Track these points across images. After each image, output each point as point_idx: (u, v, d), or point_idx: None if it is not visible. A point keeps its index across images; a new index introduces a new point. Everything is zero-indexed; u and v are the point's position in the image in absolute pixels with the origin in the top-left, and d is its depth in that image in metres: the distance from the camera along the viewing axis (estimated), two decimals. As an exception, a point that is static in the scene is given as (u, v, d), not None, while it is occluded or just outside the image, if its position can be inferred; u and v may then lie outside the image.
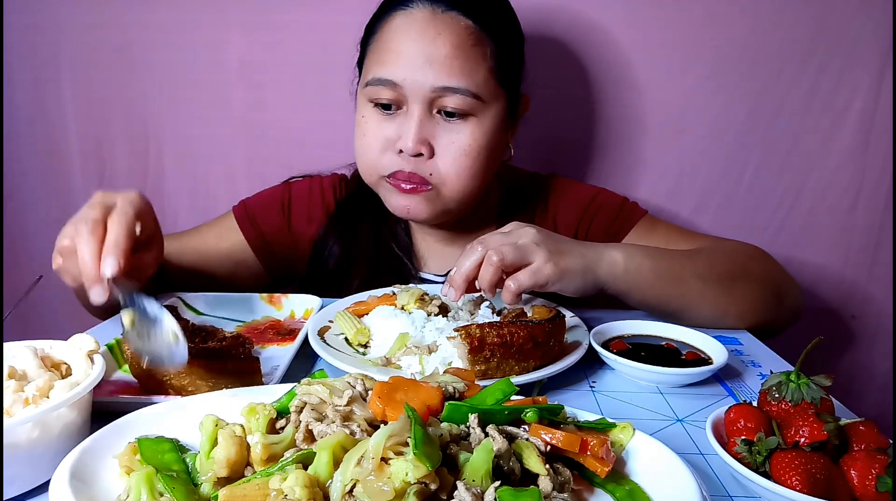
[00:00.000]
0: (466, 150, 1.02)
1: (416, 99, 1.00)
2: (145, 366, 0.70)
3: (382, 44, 1.02)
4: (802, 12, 1.33)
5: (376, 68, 1.02)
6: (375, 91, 1.02)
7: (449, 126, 1.02)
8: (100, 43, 1.43)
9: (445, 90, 0.99)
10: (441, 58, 0.98)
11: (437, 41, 0.98)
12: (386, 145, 1.04)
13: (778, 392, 0.62)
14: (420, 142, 1.01)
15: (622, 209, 1.20)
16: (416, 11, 1.01)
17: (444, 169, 1.03)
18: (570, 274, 0.86)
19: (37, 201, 1.56)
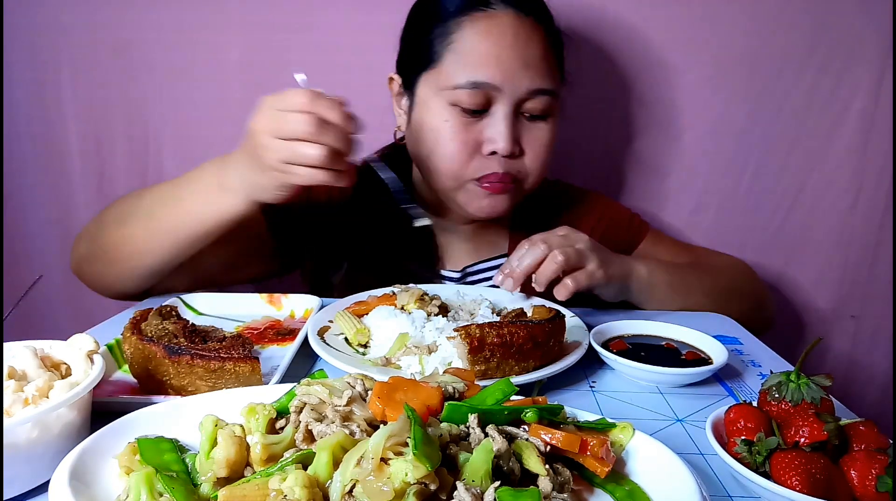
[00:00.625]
0: (547, 146, 1.07)
1: (509, 101, 1.01)
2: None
3: (471, 45, 1.01)
4: (802, 13, 1.33)
5: (469, 71, 1.00)
6: (465, 94, 1.01)
7: (532, 125, 1.06)
8: (100, 43, 1.43)
9: (537, 93, 1.02)
10: (537, 60, 1.02)
11: (530, 44, 1.01)
12: (475, 149, 1.04)
13: (778, 392, 0.62)
14: (514, 142, 1.03)
15: (631, 223, 1.29)
16: (501, 15, 1.01)
17: (529, 166, 1.07)
18: (613, 281, 1.00)
19: (37, 201, 1.55)
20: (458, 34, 1.02)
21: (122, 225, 0.98)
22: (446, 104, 1.03)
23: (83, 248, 1.05)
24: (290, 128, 0.79)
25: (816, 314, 1.50)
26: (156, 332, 0.76)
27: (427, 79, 1.06)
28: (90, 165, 1.52)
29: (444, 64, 1.03)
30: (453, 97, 1.02)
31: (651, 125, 1.43)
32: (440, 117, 1.04)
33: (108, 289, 1.07)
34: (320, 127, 0.78)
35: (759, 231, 1.47)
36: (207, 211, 0.92)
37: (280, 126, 0.79)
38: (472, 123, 1.03)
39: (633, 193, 1.49)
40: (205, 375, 0.71)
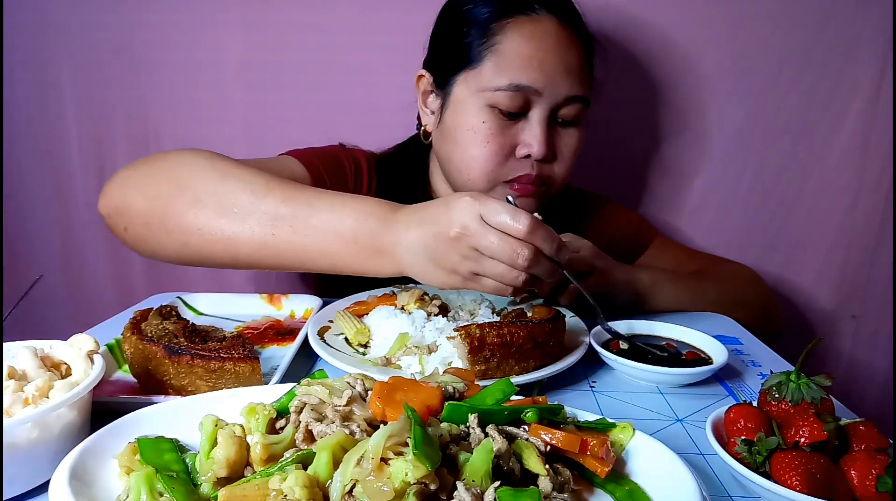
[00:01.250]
0: (575, 152, 1.08)
1: (547, 105, 1.02)
2: None
3: (514, 48, 1.01)
4: (802, 13, 1.33)
5: (512, 73, 1.00)
6: (505, 97, 1.00)
7: (564, 131, 1.07)
8: (100, 43, 1.43)
9: (573, 99, 1.03)
10: (576, 67, 1.03)
11: (571, 51, 1.02)
12: (510, 151, 1.04)
13: (778, 392, 0.62)
14: (549, 147, 1.04)
15: (639, 229, 1.30)
16: (545, 20, 1.02)
17: (558, 171, 1.08)
18: (616, 289, 1.01)
19: (37, 201, 1.55)
20: (502, 36, 1.01)
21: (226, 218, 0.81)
22: (484, 105, 1.02)
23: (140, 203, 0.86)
24: (498, 250, 0.72)
25: (816, 314, 1.50)
26: (156, 332, 0.77)
27: (465, 79, 1.04)
28: (90, 165, 1.52)
29: (484, 66, 1.02)
30: (492, 99, 1.01)
31: (650, 126, 1.43)
32: (478, 118, 1.03)
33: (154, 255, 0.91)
34: (534, 260, 0.72)
35: (760, 231, 1.47)
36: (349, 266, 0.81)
37: (488, 244, 0.72)
38: (508, 125, 1.03)
39: (633, 193, 1.49)
40: (205, 375, 0.71)
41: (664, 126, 1.43)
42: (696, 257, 1.31)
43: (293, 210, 0.79)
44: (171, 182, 0.85)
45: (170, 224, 0.84)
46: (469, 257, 0.74)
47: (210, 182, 0.83)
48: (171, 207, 0.83)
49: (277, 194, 0.81)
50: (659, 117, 1.42)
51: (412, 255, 0.77)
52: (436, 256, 0.75)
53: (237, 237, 0.81)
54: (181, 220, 0.83)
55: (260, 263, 0.83)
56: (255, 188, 0.81)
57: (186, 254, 0.86)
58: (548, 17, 1.02)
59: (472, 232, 0.72)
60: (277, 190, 0.81)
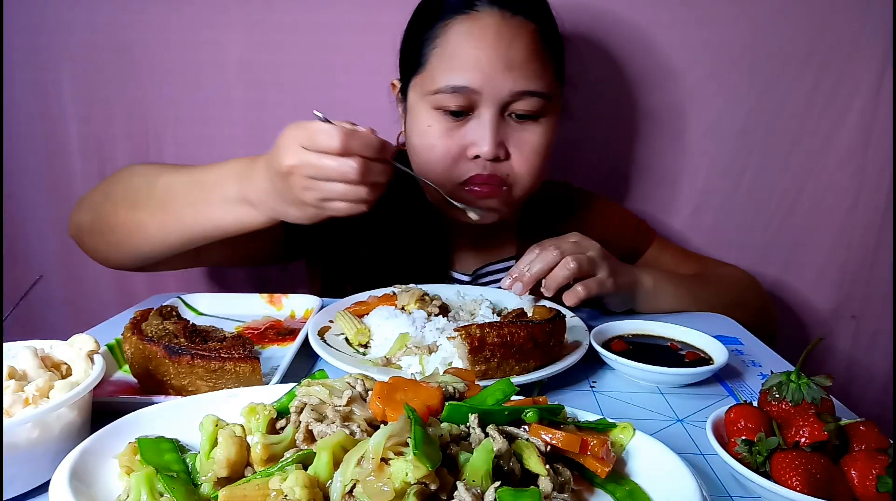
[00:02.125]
0: (537, 149, 1.04)
1: (492, 104, 1.00)
2: None
3: (451, 49, 1.00)
4: (803, 13, 1.33)
5: (449, 75, 0.99)
6: (447, 99, 1.00)
7: (521, 127, 1.04)
8: (100, 43, 1.43)
9: (522, 94, 1.00)
10: (520, 62, 0.99)
11: (513, 45, 0.99)
12: (459, 152, 1.03)
13: (778, 392, 0.62)
14: (497, 145, 1.02)
15: (638, 231, 1.29)
16: (485, 16, 1.00)
17: (518, 169, 1.05)
18: (621, 290, 1.00)
19: (37, 201, 1.55)
20: (443, 38, 1.01)
21: (133, 209, 0.96)
22: (430, 109, 1.03)
23: (86, 218, 1.03)
24: (328, 172, 0.76)
25: (816, 314, 1.50)
26: (156, 332, 0.76)
27: (415, 84, 1.06)
28: (90, 165, 1.52)
29: (429, 68, 1.02)
30: (436, 101, 1.01)
31: (651, 126, 1.43)
32: (425, 122, 1.04)
33: (108, 262, 1.07)
34: (362, 169, 0.76)
35: (760, 231, 1.47)
36: (226, 220, 0.90)
37: (317, 170, 0.77)
38: (456, 126, 1.02)
39: (633, 193, 1.49)
40: (205, 375, 0.71)
41: (665, 127, 1.43)
42: (695, 260, 1.31)
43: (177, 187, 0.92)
44: (101, 193, 1.02)
45: (103, 227, 1.00)
46: (308, 187, 0.78)
47: (123, 184, 1.00)
48: (100, 212, 1.00)
49: (166, 177, 0.94)
50: (659, 118, 1.42)
51: (271, 199, 0.84)
52: (284, 194, 0.81)
53: (146, 223, 0.95)
54: (108, 221, 0.99)
55: (169, 241, 0.95)
56: (151, 178, 0.96)
57: (123, 251, 1.00)
58: (489, 12, 1.00)
59: (300, 163, 0.77)
60: (167, 174, 0.95)
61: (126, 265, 1.06)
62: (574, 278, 0.93)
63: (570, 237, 0.98)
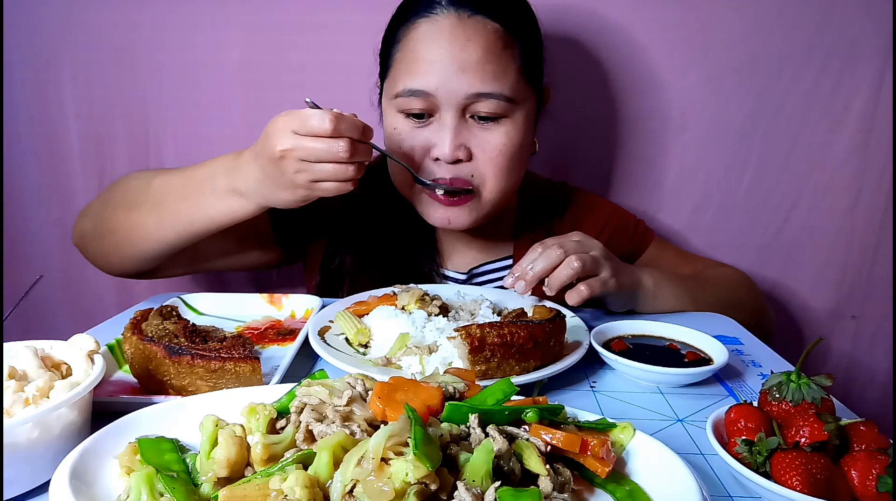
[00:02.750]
0: (502, 150, 1.03)
1: (450, 106, 1.00)
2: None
3: (410, 53, 1.01)
4: (803, 13, 1.33)
5: (406, 79, 1.00)
6: (406, 102, 1.01)
7: (483, 128, 1.03)
8: (100, 43, 1.43)
9: (479, 96, 0.99)
10: (473, 64, 0.98)
11: (467, 47, 0.98)
12: (422, 154, 1.04)
13: (778, 392, 0.62)
14: (456, 148, 1.01)
15: (637, 230, 1.29)
16: (442, 18, 1.00)
17: (483, 171, 1.05)
18: (623, 290, 1.00)
19: (37, 201, 1.56)
20: (404, 41, 1.02)
21: (131, 210, 1.01)
22: (395, 112, 1.04)
23: (88, 225, 1.08)
24: (319, 153, 0.82)
25: (817, 314, 1.50)
26: (156, 332, 0.77)
27: (385, 86, 1.08)
28: (90, 165, 1.52)
29: (393, 71, 1.04)
30: (399, 105, 1.02)
31: (651, 125, 1.43)
32: (392, 125, 1.05)
33: (110, 267, 1.10)
34: (351, 149, 0.82)
35: (760, 231, 1.47)
36: (218, 211, 0.95)
37: (309, 152, 0.82)
38: (419, 129, 1.03)
39: (633, 193, 1.49)
40: (205, 375, 0.71)
41: (664, 127, 1.43)
42: (692, 260, 1.31)
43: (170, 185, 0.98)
44: (101, 200, 1.07)
45: (104, 231, 1.04)
46: (300, 169, 0.84)
47: (122, 189, 1.04)
48: (101, 217, 1.05)
49: (161, 178, 1.00)
50: (659, 118, 1.42)
51: (261, 186, 0.89)
52: (276, 180, 0.86)
53: (143, 221, 0.99)
54: (108, 224, 1.03)
55: (166, 238, 0.99)
56: (147, 180, 1.01)
57: (124, 253, 1.03)
58: (445, 15, 1.00)
59: (291, 146, 0.83)
60: (162, 175, 1.01)
61: (127, 270, 1.08)
62: (577, 278, 0.93)
63: (573, 236, 0.98)
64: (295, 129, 0.83)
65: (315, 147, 0.82)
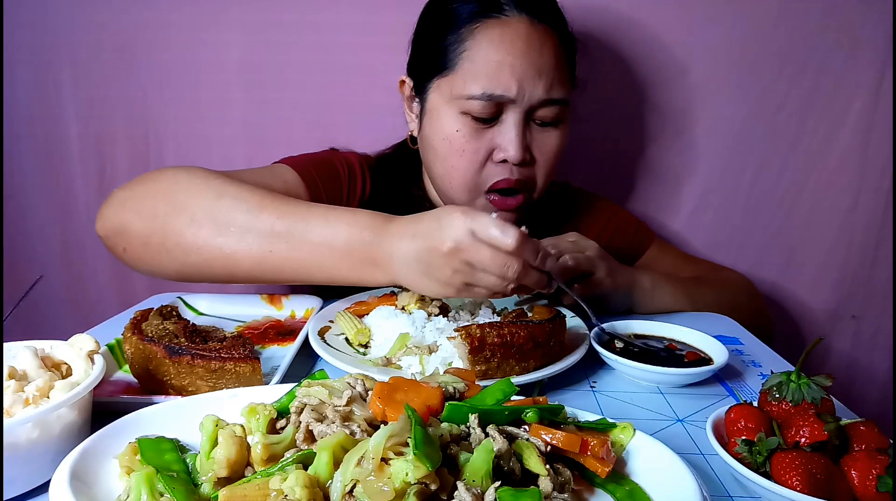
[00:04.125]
0: (557, 153, 1.06)
1: (520, 109, 1.00)
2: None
3: (484, 55, 0.99)
4: (802, 12, 1.33)
5: (484, 82, 0.98)
6: (479, 105, 0.99)
7: (543, 132, 1.04)
8: (100, 43, 1.43)
9: (550, 102, 1.00)
10: (550, 70, 0.99)
11: (543, 52, 0.99)
12: (486, 156, 1.03)
13: (778, 392, 0.62)
14: (525, 150, 1.02)
15: (637, 232, 1.29)
16: (515, 21, 0.99)
17: (539, 173, 1.06)
18: (618, 290, 1.00)
19: (37, 201, 1.56)
20: (472, 42, 1.00)
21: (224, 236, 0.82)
22: (458, 113, 1.01)
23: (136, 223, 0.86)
24: (489, 264, 0.74)
25: (817, 314, 1.50)
26: (156, 332, 0.77)
27: (439, 86, 1.04)
28: (90, 165, 1.52)
29: (457, 72, 1.01)
30: (466, 106, 1.00)
31: (651, 126, 1.43)
32: (452, 127, 1.02)
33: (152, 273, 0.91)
34: (522, 272, 0.76)
35: (760, 231, 1.47)
36: (343, 277, 0.82)
37: (480, 259, 0.74)
38: (483, 130, 1.02)
39: (633, 193, 1.49)
40: (205, 375, 0.71)
41: (664, 127, 1.43)
42: (692, 262, 1.32)
43: (288, 226, 0.81)
44: (167, 202, 0.85)
45: (169, 244, 0.84)
46: (461, 270, 0.76)
47: (206, 201, 0.84)
48: (169, 227, 0.84)
49: (272, 211, 0.82)
50: (658, 118, 1.42)
51: (406, 267, 0.78)
52: (429, 269, 0.77)
53: (235, 255, 0.82)
54: (179, 240, 0.83)
55: (258, 278, 0.84)
56: (251, 206, 0.83)
57: (186, 272, 0.87)
58: (518, 18, 1.00)
59: (465, 247, 0.74)
60: (272, 206, 0.83)
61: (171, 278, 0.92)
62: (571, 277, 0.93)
63: (569, 237, 0.99)
64: (474, 230, 0.74)
65: (488, 257, 0.74)
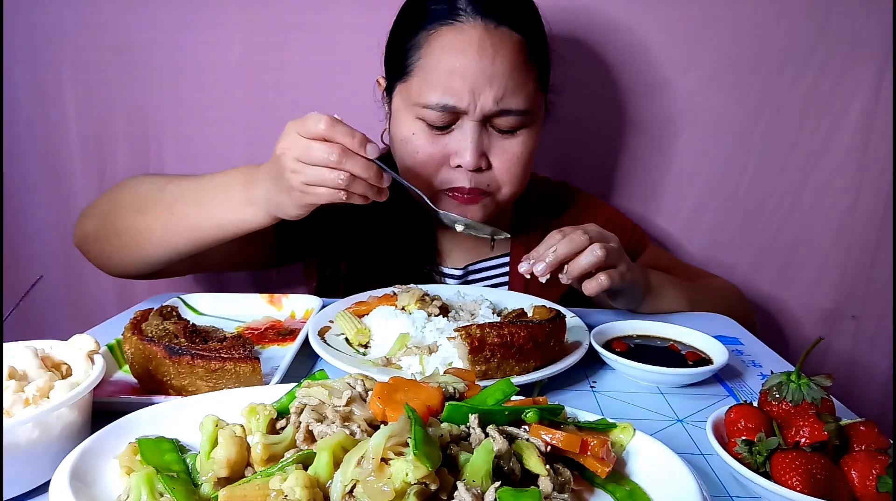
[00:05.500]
0: (519, 158, 1.05)
1: (475, 117, 1.00)
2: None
3: (435, 62, 0.99)
4: (803, 13, 1.33)
5: (435, 92, 0.99)
6: (431, 114, 1.00)
7: (503, 138, 1.04)
8: (100, 43, 1.43)
9: (503, 111, 1.00)
10: (501, 77, 0.98)
11: (496, 60, 0.98)
12: (442, 161, 1.04)
13: (778, 393, 0.62)
14: (479, 156, 1.02)
15: (633, 235, 1.28)
16: (469, 27, 0.98)
17: (500, 178, 1.06)
18: (633, 286, 0.98)
19: (37, 201, 1.56)
20: (427, 48, 1.00)
21: (140, 213, 1.00)
22: (414, 118, 1.03)
23: (91, 225, 1.07)
24: (312, 154, 0.82)
25: (816, 314, 1.50)
26: (156, 332, 0.76)
27: (400, 90, 1.06)
28: (90, 165, 1.52)
29: (413, 79, 1.02)
30: (420, 113, 1.02)
31: (651, 125, 1.43)
32: (409, 129, 1.04)
33: (112, 268, 1.09)
34: (341, 154, 0.82)
35: (760, 231, 1.47)
36: (230, 220, 0.94)
37: (303, 152, 0.83)
38: (438, 136, 1.03)
39: (633, 193, 1.49)
40: (205, 375, 0.71)
41: (664, 127, 1.43)
42: (685, 269, 1.32)
43: (184, 191, 0.97)
44: (107, 201, 1.06)
45: (110, 233, 1.03)
46: (296, 170, 0.84)
47: (132, 192, 1.04)
48: (107, 219, 1.04)
49: (174, 185, 0.99)
50: (658, 118, 1.42)
51: (269, 193, 0.89)
52: (279, 181, 0.87)
53: (151, 227, 0.98)
54: (115, 226, 1.02)
55: (173, 243, 0.98)
56: (160, 186, 1.01)
57: (128, 256, 1.03)
58: (472, 24, 0.98)
59: (290, 145, 0.84)
60: (174, 182, 1.00)
61: (129, 271, 1.08)
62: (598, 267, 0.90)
63: (591, 226, 0.95)
64: (297, 129, 0.84)
65: (308, 146, 0.82)
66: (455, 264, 1.23)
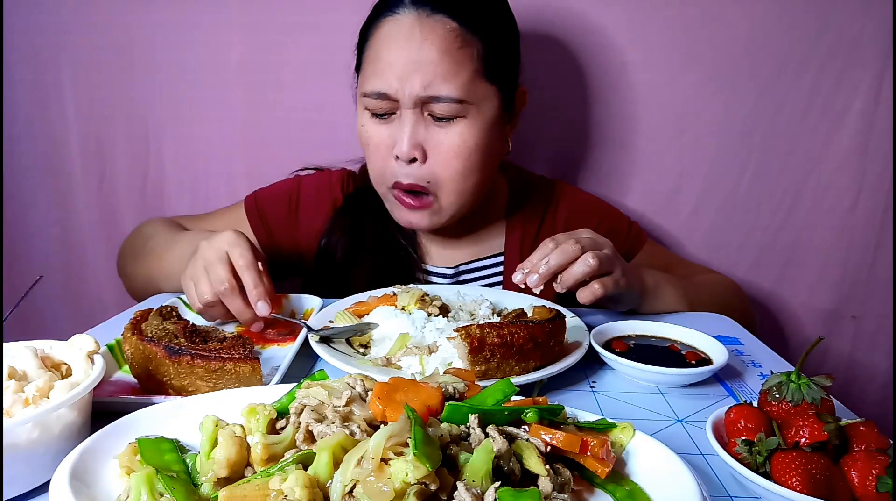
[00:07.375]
0: (457, 151, 1.03)
1: (407, 106, 1.01)
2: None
3: (374, 53, 1.03)
4: (802, 13, 1.33)
5: (371, 80, 1.02)
6: (370, 102, 1.03)
7: (439, 129, 1.03)
8: (100, 43, 1.43)
9: (431, 98, 1.00)
10: (427, 64, 0.98)
11: (423, 47, 0.98)
12: (387, 153, 1.05)
13: (778, 393, 0.62)
14: (413, 147, 1.02)
15: (630, 232, 1.27)
16: (403, 17, 1.00)
17: (439, 173, 1.04)
18: (630, 291, 0.98)
19: (37, 201, 1.56)
20: (372, 41, 1.04)
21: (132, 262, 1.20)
22: (363, 110, 1.06)
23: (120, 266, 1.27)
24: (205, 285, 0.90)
25: (816, 314, 1.50)
26: (156, 332, 0.77)
27: (357, 84, 1.10)
28: (90, 165, 1.52)
29: (361, 71, 1.06)
30: (365, 103, 1.04)
31: (652, 125, 1.43)
32: (361, 120, 1.07)
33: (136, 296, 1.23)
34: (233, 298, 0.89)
35: (760, 231, 1.47)
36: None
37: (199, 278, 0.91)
38: (383, 126, 1.05)
39: (632, 193, 1.49)
40: (205, 375, 0.71)
41: (664, 127, 1.43)
42: (683, 265, 1.32)
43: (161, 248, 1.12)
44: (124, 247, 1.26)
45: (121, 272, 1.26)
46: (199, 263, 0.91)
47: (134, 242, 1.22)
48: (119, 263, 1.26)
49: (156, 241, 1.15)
50: (659, 118, 1.42)
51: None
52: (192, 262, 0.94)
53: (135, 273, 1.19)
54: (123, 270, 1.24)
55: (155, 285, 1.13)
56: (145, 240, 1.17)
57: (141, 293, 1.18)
58: (406, 14, 1.00)
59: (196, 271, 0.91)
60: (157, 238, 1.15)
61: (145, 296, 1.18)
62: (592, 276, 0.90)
63: (585, 233, 0.95)
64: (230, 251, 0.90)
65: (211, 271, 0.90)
66: (446, 263, 1.22)
